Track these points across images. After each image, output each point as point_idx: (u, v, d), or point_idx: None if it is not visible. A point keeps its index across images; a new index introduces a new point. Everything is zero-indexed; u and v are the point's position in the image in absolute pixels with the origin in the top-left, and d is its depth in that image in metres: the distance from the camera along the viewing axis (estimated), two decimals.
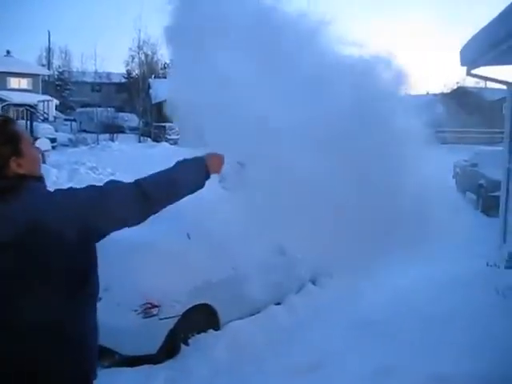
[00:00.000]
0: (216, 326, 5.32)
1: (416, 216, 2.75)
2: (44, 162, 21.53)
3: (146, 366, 4.81)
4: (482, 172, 12.85)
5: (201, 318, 5.19)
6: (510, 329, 5.49)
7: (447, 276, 6.81)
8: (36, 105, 41.93)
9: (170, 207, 2.19)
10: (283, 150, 2.51)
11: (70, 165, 20.98)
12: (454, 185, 14.85)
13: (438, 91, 49.96)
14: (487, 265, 7.65)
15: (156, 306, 4.82)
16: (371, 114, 2.65)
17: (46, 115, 44.10)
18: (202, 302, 5.18)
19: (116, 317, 4.75)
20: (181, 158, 2.29)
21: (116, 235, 5.05)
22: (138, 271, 4.80)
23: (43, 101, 45.68)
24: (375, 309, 5.60)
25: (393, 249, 2.83)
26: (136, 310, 4.78)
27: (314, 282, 6.88)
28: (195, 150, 2.50)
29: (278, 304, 6.13)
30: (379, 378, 4.19)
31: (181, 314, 4.98)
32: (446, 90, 45.26)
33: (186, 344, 5.09)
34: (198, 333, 5.17)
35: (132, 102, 48.57)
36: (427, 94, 52.27)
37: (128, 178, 2.15)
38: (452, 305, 5.94)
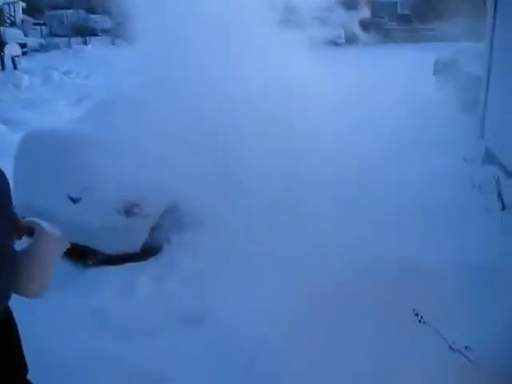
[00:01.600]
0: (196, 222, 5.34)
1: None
2: (15, 68, 20.84)
3: (130, 265, 4.90)
4: (464, 68, 12.69)
5: (181, 216, 5.19)
6: (485, 220, 5.68)
7: (426, 172, 6.90)
8: (1, 8, 39.95)
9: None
10: None
11: (42, 70, 20.30)
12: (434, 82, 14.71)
13: None
14: (464, 160, 7.75)
15: (138, 204, 4.82)
16: None
17: (12, 18, 42.19)
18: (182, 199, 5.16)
19: (97, 216, 4.78)
20: None
21: (87, 134, 4.90)
22: (118, 169, 4.74)
23: (8, 3, 43.48)
24: None
25: None
26: (117, 210, 4.79)
27: None
28: None
29: None
30: None
31: (162, 211, 5.01)
32: None
33: (168, 242, 5.15)
34: (180, 230, 5.21)
35: (103, 1, 46.42)
36: None
37: (104, 81, 2.02)
38: (430, 199, 6.09)
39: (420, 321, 3.45)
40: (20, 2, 45.23)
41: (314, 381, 3.33)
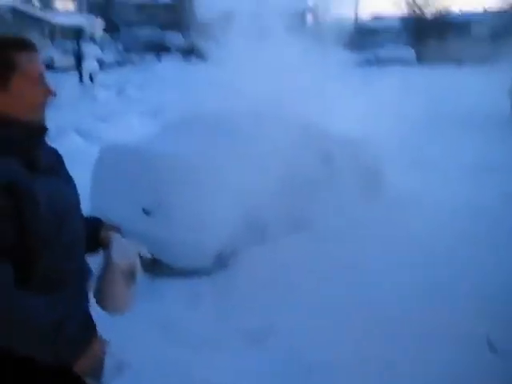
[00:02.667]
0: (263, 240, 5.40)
1: None
2: (92, 82, 21.73)
3: (194, 278, 4.99)
4: None
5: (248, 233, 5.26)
6: None
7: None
8: (82, 26, 41.86)
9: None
10: None
11: (117, 84, 21.12)
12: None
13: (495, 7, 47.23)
14: None
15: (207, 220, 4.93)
16: None
17: (92, 36, 44.03)
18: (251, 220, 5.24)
19: (169, 230, 4.91)
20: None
21: (167, 151, 5.06)
22: (192, 190, 4.88)
23: (89, 22, 45.51)
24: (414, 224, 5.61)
25: None
26: (188, 224, 4.90)
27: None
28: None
29: None
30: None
31: (232, 227, 5.08)
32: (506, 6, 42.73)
33: (235, 258, 5.21)
34: (247, 247, 5.26)
35: (178, 20, 47.77)
36: (485, 11, 49.60)
37: (175, 96, 2.10)
38: None
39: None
40: (100, 21, 47.13)
41: None
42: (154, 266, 5.01)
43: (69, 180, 1.93)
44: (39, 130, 1.79)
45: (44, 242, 1.66)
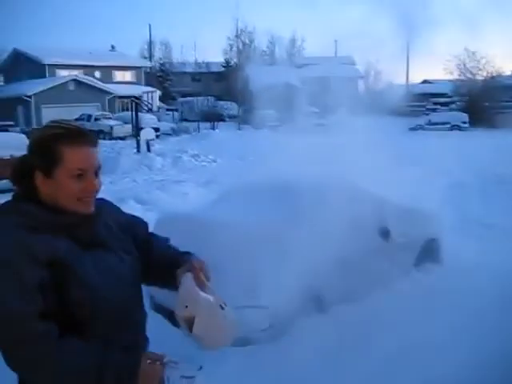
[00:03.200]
0: (320, 310, 5.33)
1: None
2: (149, 151, 22.46)
3: (251, 346, 4.92)
4: None
5: (306, 304, 5.21)
6: None
7: None
8: (140, 96, 43.82)
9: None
10: None
11: (173, 153, 21.75)
12: None
13: None
14: None
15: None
16: None
17: (149, 106, 45.95)
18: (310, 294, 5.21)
19: (225, 298, 4.90)
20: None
21: (219, 218, 5.10)
22: (249, 259, 4.90)
23: (147, 92, 47.69)
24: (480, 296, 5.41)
25: None
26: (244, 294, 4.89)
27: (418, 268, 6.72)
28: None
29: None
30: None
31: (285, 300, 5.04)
32: None
33: (291, 327, 5.15)
34: (303, 317, 5.20)
35: (231, 90, 49.36)
36: None
37: (229, 165, 2.16)
38: None
39: None
40: (157, 91, 49.18)
41: None
42: None
43: (125, 251, 1.97)
44: (85, 219, 1.84)
45: (90, 313, 1.74)
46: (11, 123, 32.32)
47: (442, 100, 49.70)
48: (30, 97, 39.21)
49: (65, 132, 1.79)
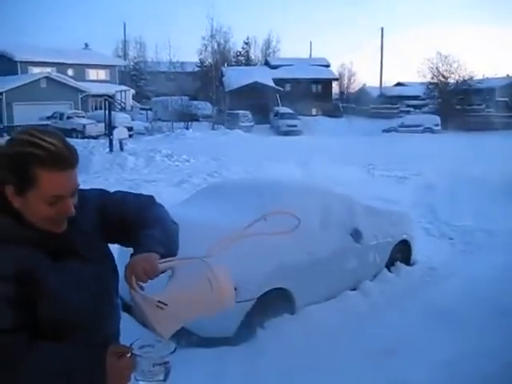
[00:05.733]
0: (291, 310, 5.33)
1: None
2: (122, 150, 22.23)
3: (222, 347, 4.90)
4: None
5: (277, 302, 5.20)
6: None
7: None
8: (114, 95, 43.40)
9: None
10: None
11: (146, 152, 21.56)
12: None
13: None
14: None
15: (235, 289, 4.86)
16: None
17: (123, 105, 45.57)
18: (279, 286, 5.19)
19: None
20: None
21: (185, 214, 5.10)
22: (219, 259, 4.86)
23: (120, 91, 47.26)
24: (450, 297, 5.47)
25: None
26: None
27: (389, 269, 6.77)
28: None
29: (353, 290, 6.09)
30: (451, 367, 4.11)
31: (257, 297, 5.02)
32: None
33: (262, 327, 5.13)
34: (274, 317, 5.19)
35: (205, 90, 49.26)
36: (507, 76, 50.06)
37: (203, 165, 2.13)
38: None
39: None
40: (131, 90, 48.81)
41: None
42: (179, 335, 4.95)
43: (99, 259, 1.86)
44: (54, 236, 1.73)
45: (60, 326, 1.67)
46: None
47: (415, 102, 50.32)
48: (1, 94, 38.50)
49: (43, 155, 1.60)
